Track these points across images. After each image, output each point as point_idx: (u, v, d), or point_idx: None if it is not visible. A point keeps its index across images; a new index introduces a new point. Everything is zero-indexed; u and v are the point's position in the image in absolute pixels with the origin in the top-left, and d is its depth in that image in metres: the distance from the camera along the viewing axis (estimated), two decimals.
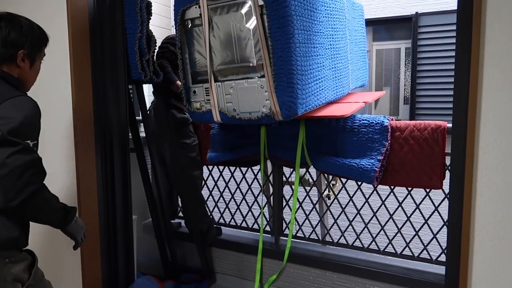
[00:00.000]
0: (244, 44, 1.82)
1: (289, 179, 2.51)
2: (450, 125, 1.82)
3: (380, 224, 2.24)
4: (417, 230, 2.16)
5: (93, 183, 1.95)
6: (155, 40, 2.08)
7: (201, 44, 1.95)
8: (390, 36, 4.68)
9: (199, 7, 1.88)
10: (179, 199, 2.74)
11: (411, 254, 2.16)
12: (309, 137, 2.18)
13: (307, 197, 2.42)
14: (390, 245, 2.21)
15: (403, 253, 2.20)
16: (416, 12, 4.26)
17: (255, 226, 2.61)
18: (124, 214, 2.09)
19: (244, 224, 2.66)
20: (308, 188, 2.46)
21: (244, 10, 1.79)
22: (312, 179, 2.44)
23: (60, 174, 1.93)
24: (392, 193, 2.19)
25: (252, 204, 2.61)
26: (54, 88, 1.90)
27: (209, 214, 2.67)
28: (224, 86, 1.92)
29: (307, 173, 2.47)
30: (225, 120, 1.95)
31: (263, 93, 1.83)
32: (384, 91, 3.94)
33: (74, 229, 1.45)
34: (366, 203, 2.25)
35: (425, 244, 2.12)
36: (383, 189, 2.20)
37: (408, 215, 2.17)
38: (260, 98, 1.84)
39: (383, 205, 2.22)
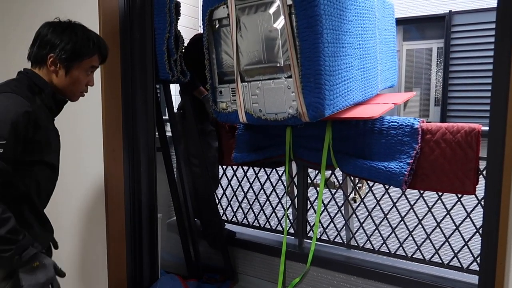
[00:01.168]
0: (272, 44, 1.80)
1: (314, 181, 2.47)
2: (485, 128, 1.76)
3: (408, 230, 2.18)
4: (447, 236, 2.09)
5: (120, 182, 1.98)
6: (183, 40, 2.09)
7: (228, 44, 1.94)
8: (421, 36, 4.55)
9: (227, 7, 1.87)
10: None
11: (441, 262, 2.08)
12: (336, 139, 2.14)
13: (332, 199, 2.38)
14: (418, 251, 2.14)
15: (432, 260, 2.12)
16: (450, 11, 4.12)
17: (279, 228, 2.59)
18: (149, 212, 2.12)
19: (267, 226, 2.65)
20: (333, 190, 2.42)
21: (272, 9, 1.77)
22: (338, 182, 2.40)
23: (89, 173, 1.97)
24: (421, 198, 2.12)
25: (276, 206, 2.59)
26: None
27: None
28: (250, 86, 1.91)
29: (332, 175, 2.43)
30: (250, 120, 1.94)
31: (290, 93, 1.81)
32: (414, 92, 3.83)
33: (28, 281, 1.10)
34: (394, 207, 2.19)
35: (456, 252, 2.05)
36: (412, 193, 2.13)
37: (438, 221, 2.10)
38: (286, 98, 1.82)
39: (411, 210, 2.15)
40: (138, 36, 1.98)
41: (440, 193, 2.05)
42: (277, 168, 2.55)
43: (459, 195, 2.00)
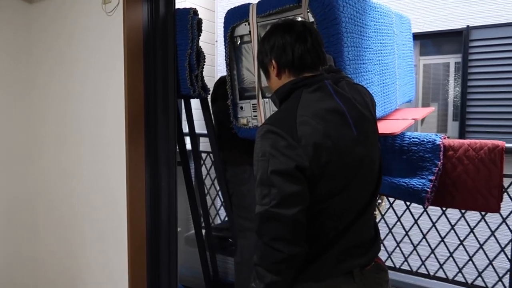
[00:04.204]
0: None
1: None
2: (509, 144, 1.73)
3: (430, 247, 2.14)
4: (471, 255, 2.05)
5: (142, 195, 2.00)
6: (204, 56, 2.13)
7: (249, 60, 1.97)
8: (439, 50, 4.53)
9: (249, 24, 1.91)
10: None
11: (464, 281, 2.04)
12: None
13: None
14: (440, 270, 2.10)
15: (455, 278, 2.08)
16: (467, 26, 4.10)
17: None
18: (169, 226, 2.12)
19: None
20: None
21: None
22: None
23: (113, 187, 2.00)
24: (443, 215, 2.09)
25: None
26: (110, 100, 1.99)
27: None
28: (271, 102, 1.92)
29: None
30: None
31: None
32: (433, 107, 3.81)
33: None
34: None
35: (480, 271, 2.00)
36: (433, 210, 2.10)
37: (462, 239, 2.06)
38: None
39: (433, 227, 2.12)
40: (161, 52, 2.02)
41: (463, 211, 2.02)
42: None
43: (483, 213, 1.97)
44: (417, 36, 3.39)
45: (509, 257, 1.89)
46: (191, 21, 2.03)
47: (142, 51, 1.97)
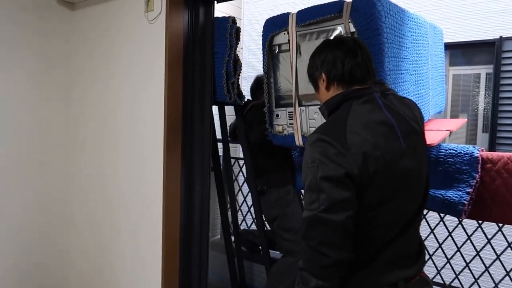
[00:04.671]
0: None
1: None
2: None
3: (465, 261, 2.10)
4: (508, 270, 2.00)
5: (177, 199, 2.04)
6: (241, 64, 2.16)
7: (286, 69, 1.99)
8: (469, 61, 4.46)
9: (288, 33, 1.93)
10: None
11: None
12: None
13: None
14: (476, 284, 2.06)
15: None
16: (500, 37, 4.04)
17: None
18: (201, 230, 2.15)
19: None
20: None
21: (333, 35, 1.81)
22: None
23: (150, 190, 2.04)
24: (480, 228, 2.05)
25: None
26: (149, 105, 2.04)
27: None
28: (308, 110, 1.94)
29: None
30: None
31: None
32: (464, 118, 3.73)
33: None
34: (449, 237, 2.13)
35: None
36: (468, 223, 2.07)
37: (498, 253, 2.02)
38: None
39: (468, 240, 2.09)
40: (199, 60, 2.07)
41: (500, 225, 1.98)
42: None
43: None
44: (447, 46, 3.37)
45: None
46: (230, 29, 2.06)
47: (182, 58, 2.01)
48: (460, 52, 4.49)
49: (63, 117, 2.38)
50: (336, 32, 1.79)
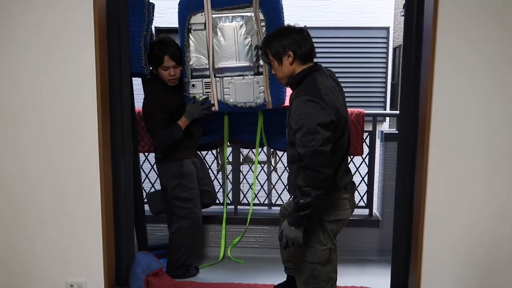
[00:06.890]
0: (243, 48, 2.31)
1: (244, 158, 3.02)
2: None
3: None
4: None
5: (108, 167, 2.15)
6: (154, 39, 2.35)
7: (202, 45, 2.34)
8: None
9: (204, 15, 2.28)
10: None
11: None
12: (266, 123, 2.73)
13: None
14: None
15: None
16: None
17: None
18: (125, 198, 2.29)
19: None
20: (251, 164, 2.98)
21: (246, 20, 2.28)
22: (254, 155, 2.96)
23: (90, 158, 2.07)
24: None
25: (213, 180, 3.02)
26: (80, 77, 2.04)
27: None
28: (223, 81, 2.37)
29: (250, 151, 2.98)
30: (223, 109, 2.40)
31: (258, 87, 2.36)
32: None
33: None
34: None
35: None
36: None
37: None
38: (255, 91, 2.36)
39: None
40: (118, 33, 2.15)
41: None
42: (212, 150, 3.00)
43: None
44: None
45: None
46: (147, 5, 2.23)
47: (106, 29, 2.07)
48: None
49: None
50: (247, 17, 2.27)
